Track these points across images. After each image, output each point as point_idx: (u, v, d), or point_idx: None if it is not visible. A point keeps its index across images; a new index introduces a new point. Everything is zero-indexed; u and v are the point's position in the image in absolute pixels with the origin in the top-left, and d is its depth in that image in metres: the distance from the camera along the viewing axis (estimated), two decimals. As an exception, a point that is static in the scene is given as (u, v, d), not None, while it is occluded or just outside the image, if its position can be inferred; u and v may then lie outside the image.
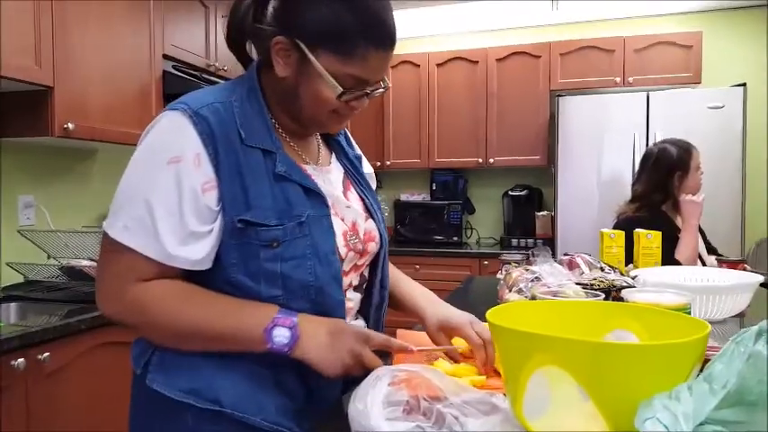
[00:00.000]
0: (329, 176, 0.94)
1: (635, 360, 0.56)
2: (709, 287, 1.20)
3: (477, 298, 1.89)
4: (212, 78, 2.57)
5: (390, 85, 0.90)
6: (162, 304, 0.79)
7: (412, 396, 0.74)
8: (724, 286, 1.19)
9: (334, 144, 1.02)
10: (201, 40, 2.61)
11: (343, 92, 0.81)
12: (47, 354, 1.45)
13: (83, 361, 1.59)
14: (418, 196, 4.06)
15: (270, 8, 0.83)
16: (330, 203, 0.88)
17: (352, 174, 1.01)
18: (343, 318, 0.88)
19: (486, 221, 4.05)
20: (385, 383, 0.77)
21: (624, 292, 1.01)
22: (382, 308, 1.00)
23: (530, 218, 3.68)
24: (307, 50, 0.79)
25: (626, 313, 0.78)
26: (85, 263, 1.90)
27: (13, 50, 1.67)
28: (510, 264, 1.85)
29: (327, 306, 0.85)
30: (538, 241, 3.59)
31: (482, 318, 1.02)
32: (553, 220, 3.46)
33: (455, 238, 3.78)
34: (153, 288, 0.79)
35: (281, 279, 0.81)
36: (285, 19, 0.81)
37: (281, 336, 0.78)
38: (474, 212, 4.02)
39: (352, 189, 0.98)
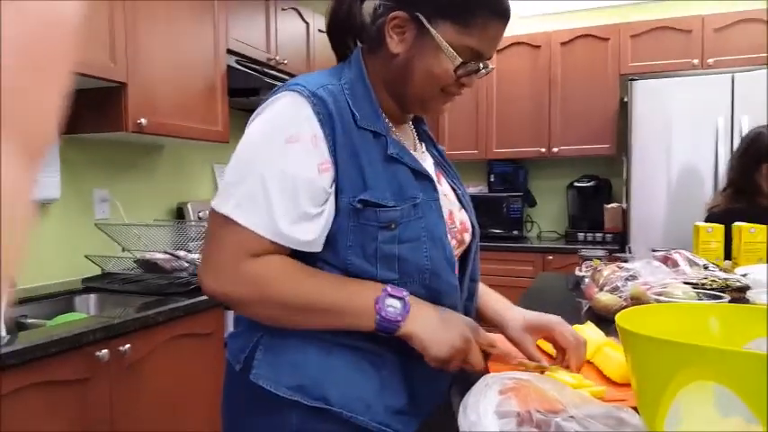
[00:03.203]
0: (427, 164, 0.92)
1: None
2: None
3: (551, 296, 1.79)
4: (274, 72, 2.56)
5: (493, 67, 0.87)
6: (277, 277, 0.76)
7: (523, 410, 0.68)
8: None
9: (423, 134, 1.00)
10: (263, 33, 2.61)
11: (461, 64, 0.80)
12: (128, 345, 1.47)
13: (161, 352, 1.61)
14: (475, 188, 3.95)
15: None
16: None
17: (443, 164, 0.99)
18: (457, 303, 0.86)
19: (548, 215, 3.91)
20: (495, 392, 0.72)
21: (750, 294, 0.91)
22: (472, 300, 0.96)
23: (597, 211, 3.51)
24: (426, 22, 0.79)
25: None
26: (159, 255, 1.93)
27: (90, 48, 1.70)
28: (591, 260, 1.75)
29: (442, 291, 0.83)
30: (607, 235, 3.43)
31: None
32: (624, 212, 3.29)
33: (515, 232, 3.65)
34: (266, 261, 0.76)
35: (398, 262, 0.79)
36: None
37: (392, 306, 0.76)
38: (535, 205, 3.88)
39: (443, 179, 0.96)
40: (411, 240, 0.79)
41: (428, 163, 0.94)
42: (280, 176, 0.75)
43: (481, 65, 0.84)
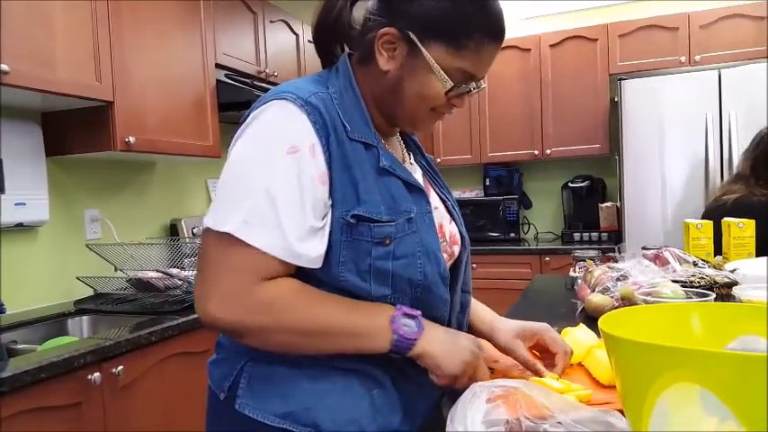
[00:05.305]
0: (417, 175, 0.89)
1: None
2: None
3: (548, 298, 1.79)
4: (263, 85, 2.56)
5: (485, 85, 0.84)
6: (292, 302, 0.73)
7: (512, 417, 0.68)
8: None
9: (411, 144, 0.98)
10: (251, 46, 2.61)
11: (452, 87, 0.77)
12: (120, 367, 1.46)
13: (155, 373, 1.59)
14: (471, 193, 3.96)
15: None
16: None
17: (431, 174, 0.97)
18: (445, 317, 0.85)
19: (544, 216, 3.91)
20: (483, 401, 0.71)
21: (736, 290, 0.90)
22: (465, 312, 0.95)
23: (592, 210, 3.51)
24: (418, 42, 0.75)
25: (752, 315, 0.68)
26: (152, 274, 1.92)
27: (75, 68, 1.70)
28: (584, 261, 1.74)
29: (432, 304, 0.81)
30: (603, 234, 3.43)
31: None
32: (619, 211, 3.30)
33: (512, 235, 3.66)
34: (279, 286, 0.72)
35: (391, 278, 0.76)
36: (395, 9, 0.77)
37: (407, 325, 0.75)
38: (531, 207, 3.89)
39: (432, 190, 0.94)
40: (406, 256, 0.77)
41: (418, 174, 0.91)
42: (287, 190, 0.71)
43: (473, 85, 0.80)
